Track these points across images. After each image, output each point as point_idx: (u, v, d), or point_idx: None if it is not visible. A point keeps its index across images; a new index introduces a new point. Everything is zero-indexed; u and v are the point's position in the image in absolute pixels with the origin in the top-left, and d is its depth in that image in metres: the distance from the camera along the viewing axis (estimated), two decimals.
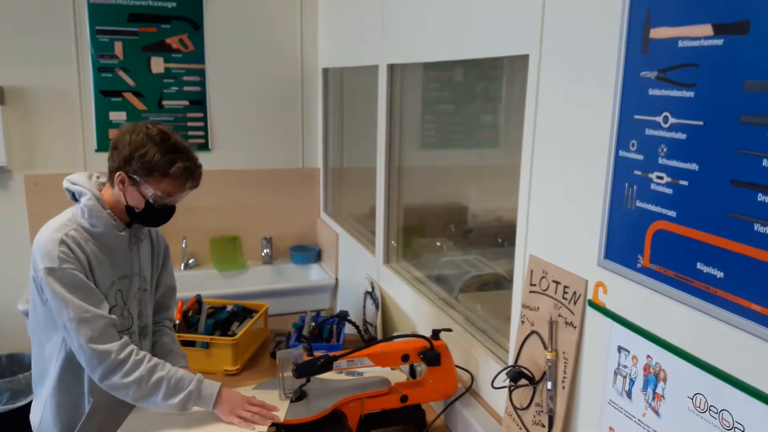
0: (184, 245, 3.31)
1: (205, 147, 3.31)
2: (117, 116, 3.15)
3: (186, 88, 3.23)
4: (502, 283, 2.27)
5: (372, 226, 2.93)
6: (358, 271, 2.92)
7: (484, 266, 2.40)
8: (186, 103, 3.24)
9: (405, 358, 1.63)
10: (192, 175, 1.55)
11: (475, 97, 2.63)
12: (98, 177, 1.64)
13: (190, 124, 3.27)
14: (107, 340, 1.48)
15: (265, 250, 3.45)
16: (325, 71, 3.38)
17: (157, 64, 3.17)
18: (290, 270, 3.48)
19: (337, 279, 3.27)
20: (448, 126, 2.81)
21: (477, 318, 1.92)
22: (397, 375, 1.87)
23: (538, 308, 1.37)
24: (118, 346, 1.49)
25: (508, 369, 1.38)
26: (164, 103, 3.21)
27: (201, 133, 3.29)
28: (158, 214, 1.59)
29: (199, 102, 3.26)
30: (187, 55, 3.21)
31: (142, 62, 3.14)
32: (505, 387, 1.43)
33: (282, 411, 1.59)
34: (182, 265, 3.33)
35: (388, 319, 2.41)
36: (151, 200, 1.53)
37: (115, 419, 1.59)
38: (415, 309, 2.21)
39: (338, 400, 1.62)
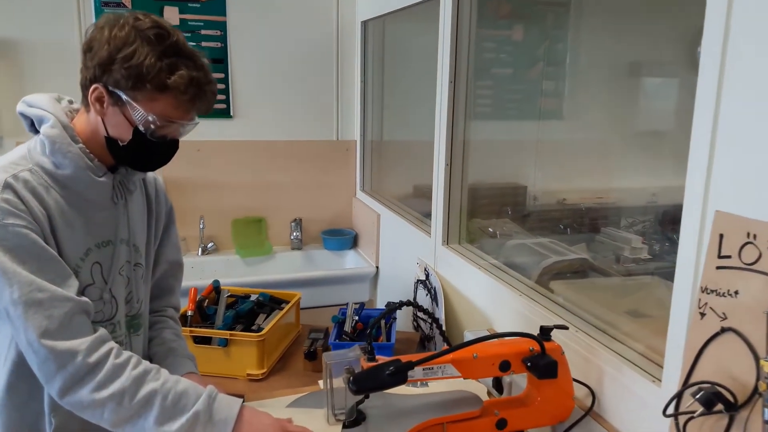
0: (201, 226, 2.86)
1: (226, 114, 2.86)
2: None
3: (204, 44, 2.79)
4: (586, 270, 1.85)
5: (418, 206, 2.49)
6: (405, 256, 2.45)
7: (566, 251, 1.96)
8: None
9: (504, 366, 1.16)
10: (201, 91, 1.07)
11: (536, 60, 2.26)
12: (71, 102, 1.17)
13: None
14: (72, 333, 1.02)
15: (294, 234, 3.00)
16: (365, 25, 2.92)
17: (172, 15, 2.74)
18: (322, 257, 3.03)
19: (377, 267, 2.80)
20: (504, 94, 2.42)
21: (584, 311, 1.44)
22: (474, 387, 1.39)
23: (737, 292, 0.89)
24: (88, 342, 1.03)
25: (697, 388, 0.89)
26: None
27: (222, 97, 2.84)
28: (152, 150, 1.11)
29: (219, 61, 2.81)
30: (205, 5, 2.78)
31: (154, 12, 2.69)
32: (687, 414, 0.94)
33: None
34: (199, 249, 2.90)
35: (451, 312, 1.94)
36: (141, 128, 1.06)
37: None
38: (491, 299, 1.73)
39: (414, 425, 1.14)
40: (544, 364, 1.14)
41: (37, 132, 1.09)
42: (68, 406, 1.03)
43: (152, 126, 1.05)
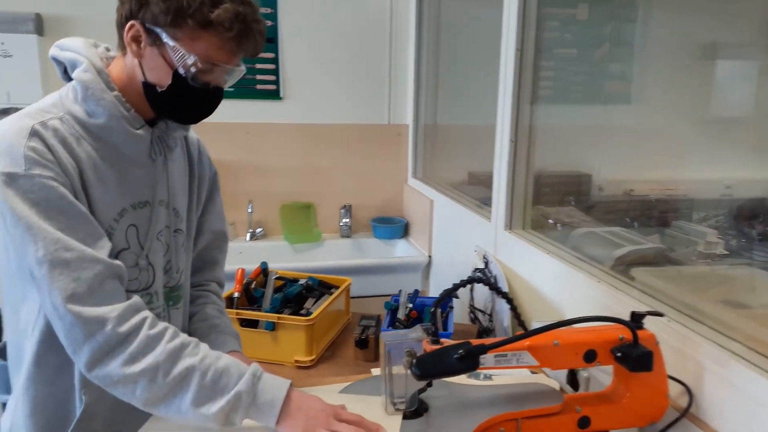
0: (250, 210, 2.79)
1: (275, 95, 2.78)
2: None
3: None
4: (661, 261, 1.68)
5: (474, 194, 2.36)
6: (460, 244, 2.31)
7: (641, 240, 1.80)
8: None
9: (590, 356, 1.01)
10: (247, 28, 0.95)
11: (602, 40, 2.10)
12: (108, 50, 1.07)
13: (258, 66, 2.75)
14: (102, 299, 0.92)
15: (343, 220, 2.89)
16: (420, 1, 2.79)
17: None
18: (372, 245, 2.91)
19: (430, 256, 2.67)
20: (567, 76, 2.26)
21: (673, 300, 1.27)
22: (544, 381, 1.23)
23: None
24: (120, 310, 0.92)
25: None
26: None
27: (271, 78, 2.76)
28: (193, 98, 0.99)
29: (270, 40, 2.72)
30: None
31: None
32: None
33: None
34: (248, 234, 2.82)
35: (514, 302, 1.78)
36: (181, 70, 0.96)
37: (118, 428, 1.04)
38: (562, 287, 1.58)
39: (484, 419, 1.00)
40: (637, 354, 0.98)
41: (70, 80, 1.00)
42: (97, 380, 0.93)
43: (193, 68, 0.95)
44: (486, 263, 2.01)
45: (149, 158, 1.05)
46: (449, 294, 1.03)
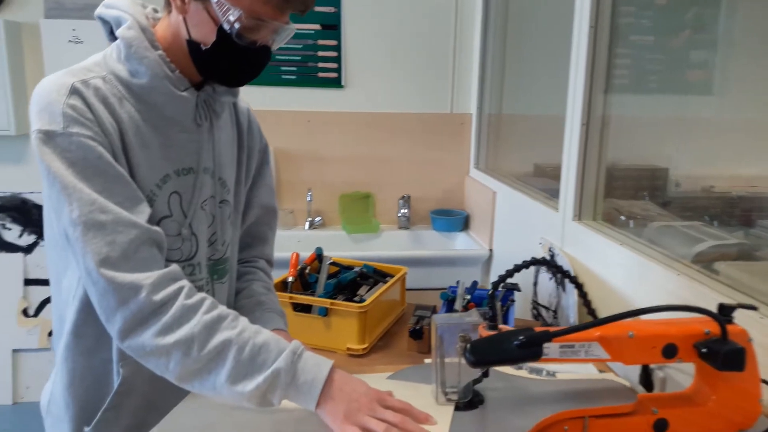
0: (309, 199, 2.75)
1: (336, 83, 2.73)
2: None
3: (318, 8, 2.67)
4: (746, 258, 1.53)
5: (540, 187, 2.22)
6: (524, 237, 2.19)
7: (724, 236, 1.65)
8: (317, 27, 2.68)
9: (670, 351, 0.89)
10: None
11: (682, 26, 1.95)
12: (156, 11, 1.03)
13: (320, 53, 2.71)
14: (137, 265, 0.87)
15: (401, 211, 2.82)
16: None
17: None
18: (431, 237, 2.82)
19: (490, 250, 2.56)
20: (644, 64, 2.11)
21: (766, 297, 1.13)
22: (609, 377, 1.11)
23: None
24: (155, 277, 0.88)
25: None
26: None
27: (333, 65, 2.72)
28: (239, 57, 0.94)
29: (332, 26, 2.68)
30: None
31: None
32: None
33: (442, 426, 0.91)
34: (306, 223, 2.79)
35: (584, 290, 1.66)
36: (226, 26, 0.90)
37: (156, 406, 1.00)
38: (636, 280, 1.45)
39: (546, 416, 0.90)
40: (726, 351, 0.86)
41: (115, 39, 0.97)
42: (129, 350, 0.89)
43: (238, 24, 0.89)
44: (552, 256, 1.89)
45: (194, 123, 1.00)
46: (510, 274, 0.93)
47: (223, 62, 0.94)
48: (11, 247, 2.76)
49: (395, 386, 0.98)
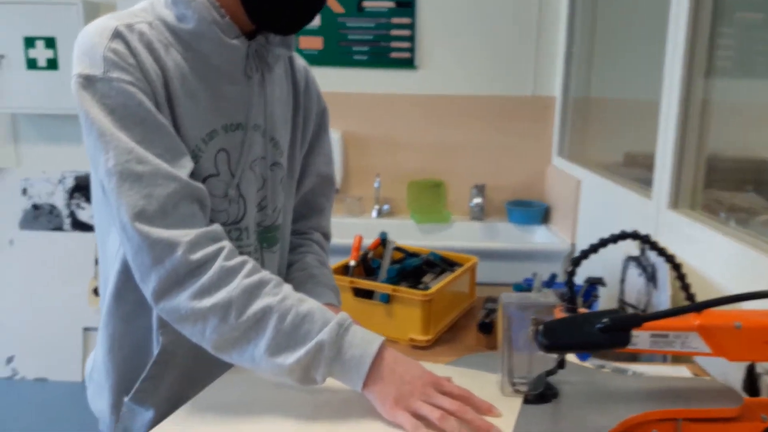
0: (377, 185, 2.65)
1: (409, 64, 2.62)
2: None
3: None
4: None
5: (633, 177, 2.02)
6: (612, 230, 1.99)
7: None
8: (391, 4, 2.57)
9: None
10: None
11: None
12: None
13: (393, 32, 2.60)
14: (175, 221, 0.79)
15: (474, 201, 2.67)
16: None
17: None
18: (506, 230, 2.66)
19: (573, 245, 2.37)
20: (752, 45, 1.88)
21: None
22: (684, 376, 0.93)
23: None
24: (193, 236, 0.79)
25: None
26: (365, 4, 2.58)
27: (406, 45, 2.60)
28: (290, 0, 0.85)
29: (406, 4, 2.57)
30: None
31: None
32: None
33: (508, 419, 0.77)
34: (374, 211, 2.69)
35: (677, 294, 1.47)
36: None
37: (197, 380, 0.91)
38: (744, 275, 1.25)
39: (631, 415, 0.75)
40: None
41: None
42: (164, 314, 0.81)
43: None
44: (642, 250, 1.70)
45: (244, 75, 0.92)
46: (595, 249, 0.79)
47: (274, 5, 0.86)
48: (84, 227, 2.82)
49: (455, 373, 0.86)
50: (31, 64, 2.67)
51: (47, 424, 2.57)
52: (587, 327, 0.71)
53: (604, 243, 0.77)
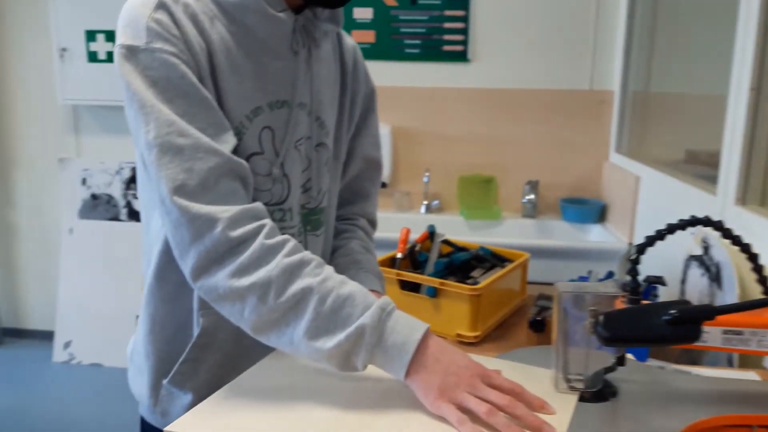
0: (426, 180, 2.61)
1: (462, 57, 2.56)
2: (362, 13, 2.57)
3: None
4: None
5: (698, 173, 1.91)
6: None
7: None
8: None
9: None
10: None
11: None
12: None
13: (446, 25, 2.56)
14: (215, 197, 0.77)
15: (527, 197, 2.59)
16: None
17: None
18: (560, 228, 2.57)
19: (630, 244, 2.26)
20: None
21: None
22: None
23: None
24: (234, 212, 0.77)
25: None
26: None
27: (459, 38, 2.55)
28: None
29: None
30: None
31: None
32: None
33: (562, 417, 0.72)
34: (423, 206, 2.65)
35: (746, 297, 1.37)
36: None
37: (236, 365, 0.89)
38: None
39: (699, 419, 0.69)
40: None
41: None
42: (203, 292, 0.79)
43: None
44: (706, 248, 1.60)
45: (290, 50, 0.89)
46: (662, 236, 0.73)
47: None
48: (140, 217, 2.89)
49: (505, 367, 0.81)
50: (92, 56, 2.75)
51: (101, 408, 2.63)
52: (653, 318, 0.65)
53: (671, 229, 0.71)
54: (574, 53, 2.53)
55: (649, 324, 0.65)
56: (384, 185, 2.67)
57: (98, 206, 2.99)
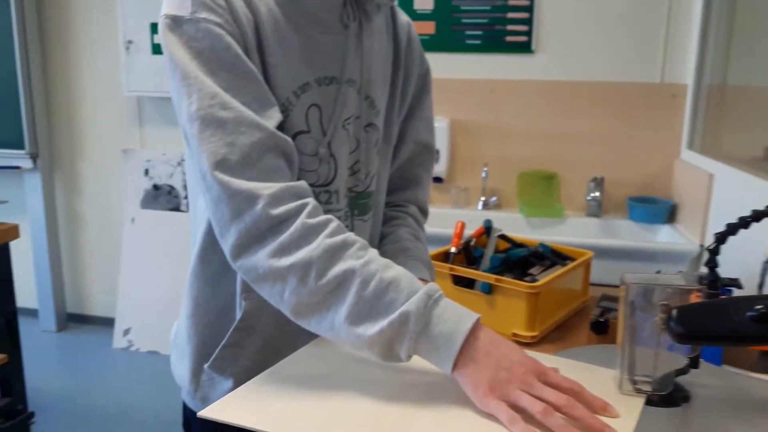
0: (484, 175, 2.53)
1: (526, 48, 2.47)
2: (422, 4, 2.53)
3: None
4: None
5: None
6: (749, 230, 1.75)
7: None
8: None
9: None
10: None
11: None
12: None
13: (510, 15, 2.47)
14: (257, 173, 0.73)
15: (591, 195, 2.47)
16: None
17: None
18: (626, 228, 2.44)
19: (701, 246, 2.12)
20: None
21: None
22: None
23: None
24: (276, 189, 0.73)
25: None
26: None
27: (523, 28, 2.46)
28: None
29: None
30: None
31: None
32: None
33: (626, 421, 0.64)
34: (480, 203, 2.57)
35: None
36: None
37: (279, 352, 0.86)
38: None
39: None
40: None
41: None
42: (243, 272, 0.76)
43: None
44: None
45: (340, 23, 0.85)
46: (745, 224, 0.64)
47: None
48: None
49: (563, 365, 0.74)
50: (156, 49, 2.80)
51: (155, 395, 2.68)
52: (734, 314, 0.57)
53: (757, 216, 0.63)
54: (646, 44, 2.40)
55: (729, 320, 0.57)
56: (440, 180, 2.61)
57: (159, 197, 3.06)
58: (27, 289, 3.29)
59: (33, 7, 2.97)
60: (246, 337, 0.88)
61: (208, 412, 0.67)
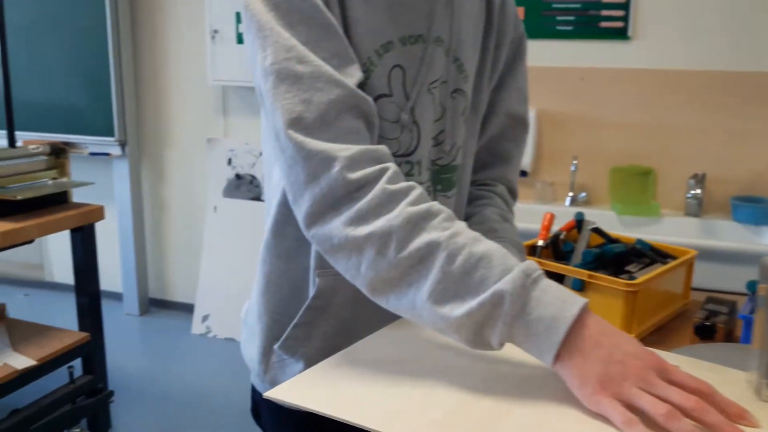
0: (573, 168, 2.39)
1: (622, 34, 2.32)
2: None
3: None
4: None
5: None
6: None
7: None
8: None
9: None
10: None
11: None
12: None
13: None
14: (335, 134, 0.67)
15: (691, 192, 2.29)
16: None
17: None
18: (729, 229, 2.25)
19: None
20: None
21: None
22: None
23: None
24: (354, 151, 0.66)
25: None
26: None
27: (619, 13, 2.31)
28: None
29: None
30: None
31: None
32: None
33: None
34: (568, 198, 2.43)
35: None
36: None
37: (353, 334, 0.78)
38: None
39: None
40: None
41: None
42: (316, 242, 0.69)
43: None
44: None
45: None
46: None
47: None
48: None
49: (686, 363, 0.63)
50: (241, 38, 2.82)
51: (230, 381, 2.70)
52: None
53: None
54: (757, 30, 2.19)
55: None
56: (524, 174, 2.49)
57: (241, 186, 3.09)
58: (113, 274, 3.41)
59: None
60: (319, 317, 0.82)
61: (274, 393, 0.61)
